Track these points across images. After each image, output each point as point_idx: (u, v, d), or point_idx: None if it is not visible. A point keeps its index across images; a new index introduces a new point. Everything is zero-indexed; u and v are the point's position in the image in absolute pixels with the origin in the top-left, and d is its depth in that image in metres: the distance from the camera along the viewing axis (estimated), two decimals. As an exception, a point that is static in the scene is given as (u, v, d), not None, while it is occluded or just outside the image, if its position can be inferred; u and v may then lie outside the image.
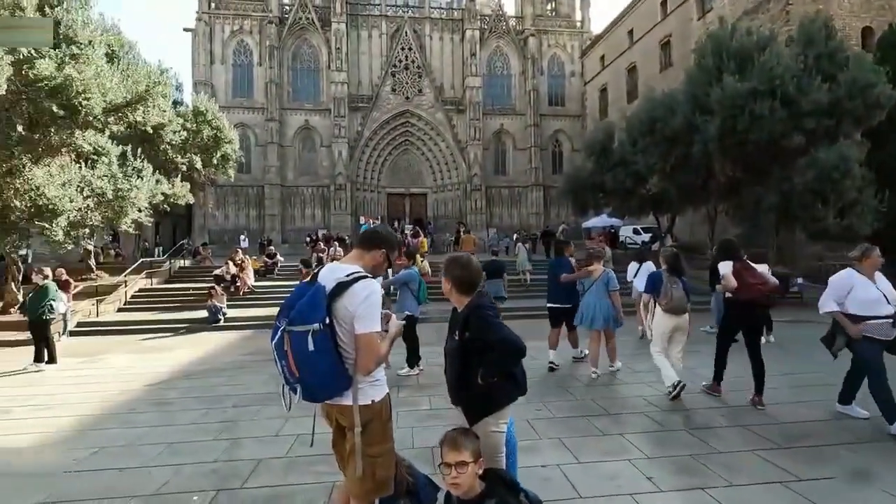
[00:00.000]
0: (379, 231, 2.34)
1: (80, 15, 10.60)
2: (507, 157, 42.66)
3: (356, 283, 2.00)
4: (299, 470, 3.70)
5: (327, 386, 1.98)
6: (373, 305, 2.00)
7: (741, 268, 5.02)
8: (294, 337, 1.91)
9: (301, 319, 1.91)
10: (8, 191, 9.87)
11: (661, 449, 3.90)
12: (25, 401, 5.90)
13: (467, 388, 2.28)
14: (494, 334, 2.23)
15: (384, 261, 2.24)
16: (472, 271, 2.46)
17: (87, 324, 11.58)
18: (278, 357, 2.00)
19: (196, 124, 16.48)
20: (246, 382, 6.50)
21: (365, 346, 1.99)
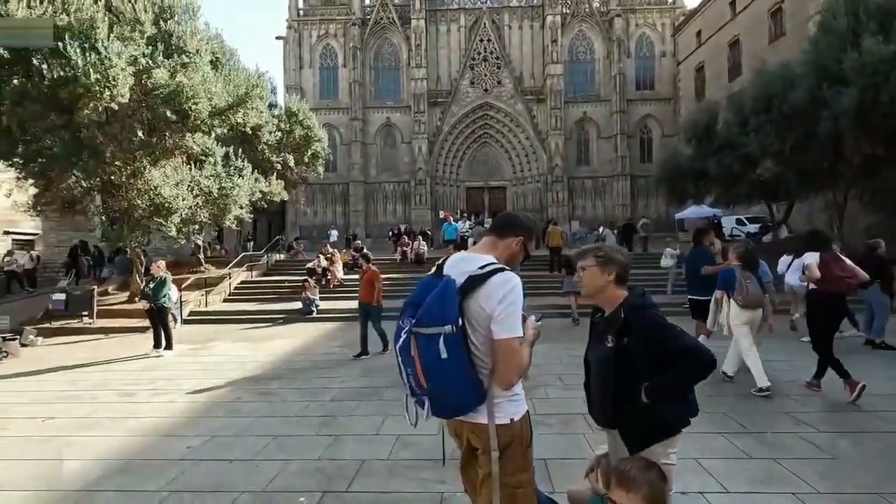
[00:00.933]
0: (515, 215, 1.96)
1: (188, 25, 11.36)
2: (590, 146, 40.75)
3: (493, 278, 1.65)
4: (403, 475, 3.48)
5: (460, 400, 1.65)
6: (514, 305, 1.64)
7: (830, 259, 4.93)
8: (422, 340, 1.61)
9: (431, 319, 1.59)
10: (131, 191, 10.85)
11: (834, 482, 3.18)
12: (147, 385, 6.34)
13: (627, 407, 1.83)
14: (675, 342, 1.77)
15: (521, 251, 1.87)
16: (628, 260, 2.02)
17: (197, 313, 12.52)
18: (403, 364, 1.70)
19: (289, 125, 17.31)
20: (342, 375, 6.51)
21: (505, 354, 1.63)
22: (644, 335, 1.77)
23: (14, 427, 4.80)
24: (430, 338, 1.58)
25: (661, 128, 39.92)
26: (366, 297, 7.98)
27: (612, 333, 1.86)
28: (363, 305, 8.05)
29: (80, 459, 3.92)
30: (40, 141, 9.77)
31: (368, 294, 7.93)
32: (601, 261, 1.97)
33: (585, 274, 2.00)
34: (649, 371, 1.78)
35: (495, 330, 1.62)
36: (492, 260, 1.73)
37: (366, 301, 7.98)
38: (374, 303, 7.88)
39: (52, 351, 9.25)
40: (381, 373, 6.58)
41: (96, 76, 9.03)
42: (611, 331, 1.87)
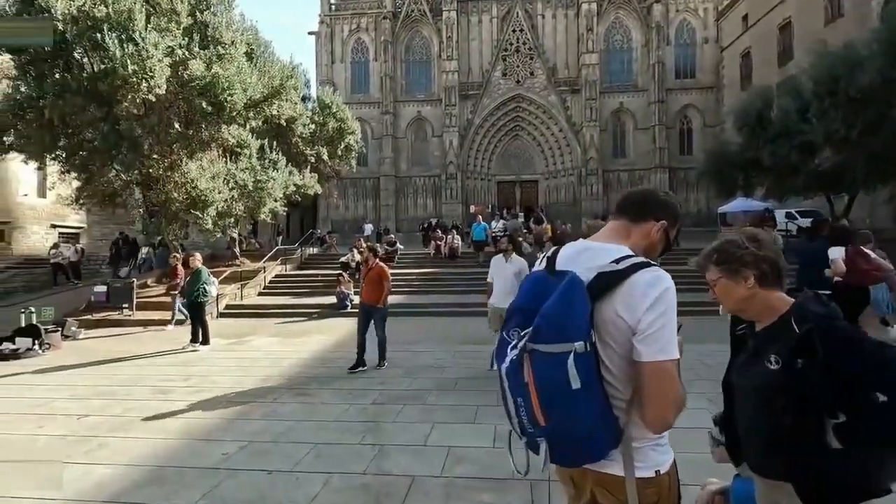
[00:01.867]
0: (654, 192, 1.47)
1: (224, 16, 11.24)
2: (626, 138, 39.37)
3: (636, 276, 1.19)
4: (461, 497, 3.08)
5: (590, 443, 1.20)
6: (668, 314, 1.17)
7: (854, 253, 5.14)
8: (541, 362, 1.15)
9: (554, 333, 1.14)
10: (169, 184, 10.83)
11: None
12: (182, 382, 6.16)
13: (805, 451, 1.33)
14: (884, 363, 1.26)
15: (661, 240, 1.39)
16: (772, 249, 1.51)
17: (233, 306, 12.49)
18: (510, 391, 1.24)
19: (322, 117, 17.16)
20: (380, 376, 6.18)
21: (657, 382, 1.17)
22: (834, 356, 1.27)
23: (51, 425, 4.65)
24: (554, 358, 1.13)
25: (702, 118, 38.20)
26: (371, 297, 6.71)
27: (777, 352, 1.36)
28: (366, 307, 6.79)
29: (112, 464, 3.69)
30: (81, 134, 9.81)
31: (375, 294, 6.70)
32: (727, 268, 1.46)
33: (717, 290, 1.50)
34: (835, 402, 1.29)
35: (642, 349, 1.16)
36: (628, 252, 1.26)
37: (370, 302, 6.73)
38: (380, 304, 6.75)
39: (93, 343, 9.29)
40: (423, 373, 6.22)
41: (134, 67, 8.97)
42: (775, 349, 1.37)
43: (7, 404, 5.35)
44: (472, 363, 6.78)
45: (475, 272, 15.12)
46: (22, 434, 4.41)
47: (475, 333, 8.96)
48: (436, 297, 13.06)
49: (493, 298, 6.22)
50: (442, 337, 8.76)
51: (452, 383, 5.72)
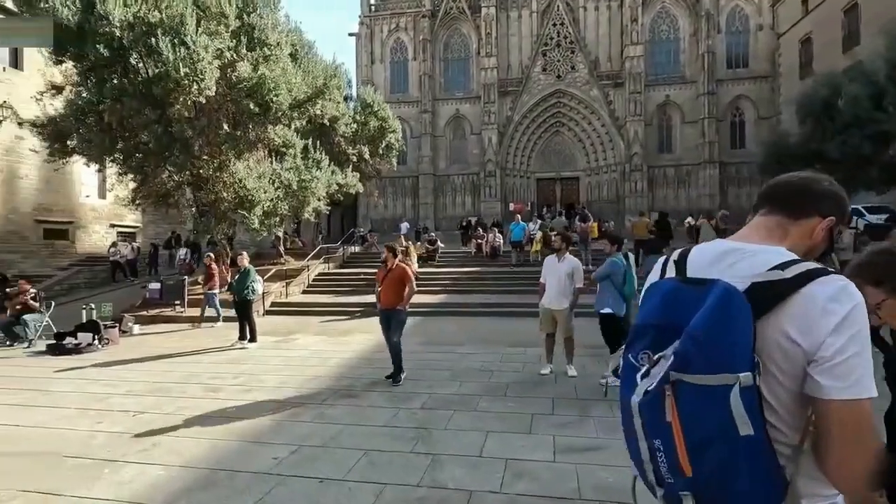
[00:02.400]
0: (817, 180, 1.13)
1: (270, 18, 11.38)
2: (672, 132, 37.78)
3: (812, 286, 0.91)
4: (525, 517, 2.86)
5: (751, 499, 0.92)
6: (861, 337, 0.89)
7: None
8: (691, 396, 0.89)
9: (710, 360, 0.88)
10: (218, 184, 11.08)
11: None
12: (232, 379, 6.20)
13: None
14: None
15: (825, 240, 1.09)
16: None
17: (278, 304, 12.69)
18: (648, 430, 0.97)
19: (364, 116, 17.24)
20: (428, 378, 6.02)
21: (848, 425, 0.89)
22: None
23: (108, 421, 4.73)
24: (710, 393, 0.87)
25: (755, 109, 36.19)
26: (392, 301, 5.91)
27: None
28: (386, 314, 5.99)
29: (166, 465, 3.67)
30: (137, 136, 10.15)
31: (396, 297, 5.91)
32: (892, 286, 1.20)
33: (882, 313, 1.20)
34: None
35: (826, 384, 0.88)
36: (791, 255, 0.99)
37: (389, 306, 5.94)
38: (400, 307, 5.97)
39: (147, 339, 9.61)
40: (471, 377, 6.01)
41: (185, 70, 9.19)
42: None
43: (69, 398, 5.52)
44: (520, 367, 6.52)
45: (519, 272, 14.80)
46: (82, 430, 4.49)
47: (521, 335, 8.69)
48: (478, 296, 12.84)
49: (545, 299, 5.94)
50: (487, 339, 8.53)
51: (503, 388, 5.48)
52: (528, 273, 14.48)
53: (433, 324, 10.42)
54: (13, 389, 6.01)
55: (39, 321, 9.54)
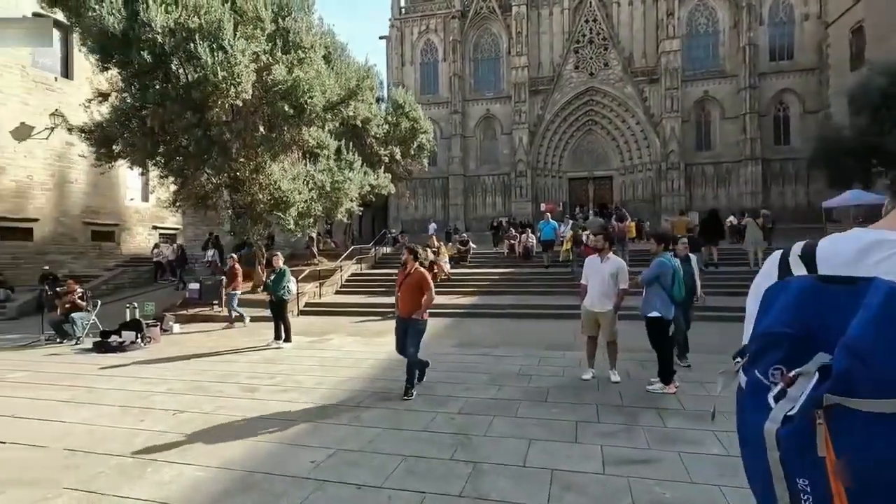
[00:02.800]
0: None
1: (304, 21, 11.49)
2: (711, 128, 36.44)
3: None
4: (577, 535, 2.66)
5: None
6: None
7: None
8: (854, 426, 0.68)
9: (884, 380, 0.66)
10: (254, 185, 11.25)
11: None
12: (268, 379, 6.21)
13: None
14: None
15: None
16: None
17: (312, 304, 12.79)
18: (791, 466, 0.73)
19: (395, 117, 17.27)
20: (465, 381, 5.86)
21: None
22: None
23: (150, 419, 4.78)
24: (882, 422, 0.68)
25: (801, 103, 34.50)
26: (409, 308, 5.38)
27: None
28: (403, 322, 5.47)
29: (205, 466, 3.64)
30: (177, 140, 10.40)
31: (413, 304, 5.35)
32: None
33: None
34: None
35: None
36: None
37: (407, 315, 5.40)
38: (418, 316, 5.35)
39: (187, 338, 9.82)
40: (509, 381, 5.82)
41: (223, 74, 9.35)
42: None
43: (113, 396, 5.63)
44: (560, 371, 6.28)
45: (552, 273, 14.48)
46: (124, 428, 4.55)
47: (558, 338, 8.44)
48: (512, 297, 12.60)
49: (588, 301, 5.69)
50: (523, 341, 8.30)
51: (543, 394, 5.27)
52: (562, 274, 14.16)
53: (467, 325, 10.26)
54: (61, 386, 6.19)
55: (87, 319, 9.88)
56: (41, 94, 18.47)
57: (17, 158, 17.90)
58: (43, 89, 18.58)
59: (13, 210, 17.83)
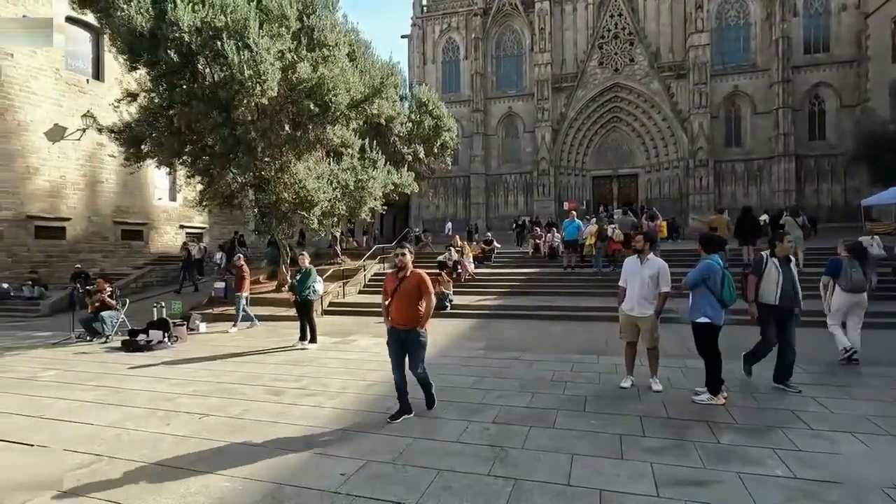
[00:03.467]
0: None
1: (328, 19, 11.38)
2: (742, 124, 35.32)
3: None
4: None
5: None
6: None
7: None
8: None
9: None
10: (279, 185, 11.20)
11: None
12: (294, 382, 6.08)
13: None
14: None
15: None
16: None
17: (335, 304, 12.71)
18: None
19: (419, 115, 17.10)
20: (496, 387, 5.61)
21: None
22: None
23: (175, 423, 4.68)
24: None
25: (837, 97, 33.18)
26: (406, 318, 4.54)
27: None
28: (400, 335, 4.60)
29: (232, 476, 3.49)
30: (204, 139, 10.41)
31: (412, 312, 4.53)
32: None
33: None
34: None
35: None
36: None
37: (405, 325, 4.56)
38: (419, 327, 4.58)
39: (213, 337, 9.81)
40: (542, 388, 5.55)
41: (249, 72, 9.30)
42: None
43: (140, 398, 5.57)
44: (595, 377, 5.98)
45: (581, 274, 14.08)
46: (150, 432, 4.45)
47: (589, 342, 8.13)
48: (538, 299, 12.28)
49: (627, 305, 5.37)
50: (553, 345, 8.01)
51: (580, 402, 4.99)
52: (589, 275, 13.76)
53: (493, 327, 10.00)
54: (89, 385, 6.18)
55: (115, 318, 9.98)
56: (74, 95, 18.90)
57: (51, 159, 18.36)
58: (75, 91, 19.01)
59: (47, 209, 18.29)
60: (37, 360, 8.01)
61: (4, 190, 17.16)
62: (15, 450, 4.12)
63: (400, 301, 4.58)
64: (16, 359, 8.23)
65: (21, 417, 4.97)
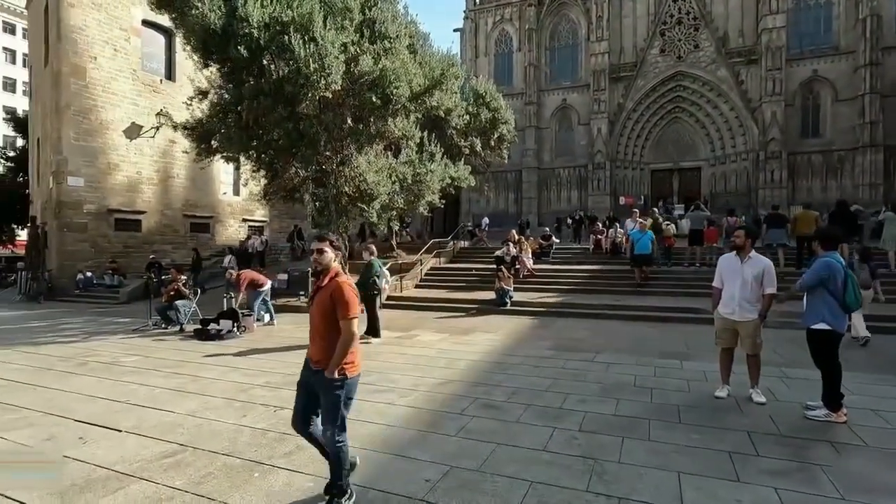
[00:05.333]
0: None
1: (390, 11, 11.29)
2: (821, 112, 32.52)
3: None
4: None
5: None
6: None
7: None
8: None
9: None
10: (340, 178, 11.26)
11: None
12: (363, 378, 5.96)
13: None
14: None
15: None
16: None
17: (393, 298, 12.68)
18: None
19: (476, 107, 16.79)
20: (575, 391, 5.26)
21: None
22: None
23: (252, 415, 4.68)
24: None
25: (936, 80, 29.90)
26: (319, 351, 2.99)
27: None
28: (310, 378, 3.08)
29: (314, 475, 3.38)
30: (269, 134, 10.59)
31: (325, 344, 2.97)
32: None
33: None
34: None
35: None
36: None
37: (315, 363, 3.01)
38: (331, 373, 2.88)
39: (278, 329, 9.99)
40: (626, 394, 5.15)
41: (314, 66, 9.33)
42: None
43: (216, 387, 5.65)
44: (682, 384, 5.50)
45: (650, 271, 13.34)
46: (229, 423, 4.46)
47: (668, 345, 7.59)
48: (603, 297, 11.71)
49: (725, 308, 4.86)
50: (628, 347, 7.52)
51: (672, 412, 4.56)
52: (659, 272, 13.02)
53: (557, 325, 9.60)
54: (168, 373, 6.37)
55: (188, 307, 10.37)
56: (149, 95, 19.98)
57: (129, 156, 19.52)
58: (150, 91, 20.09)
59: (125, 203, 19.48)
60: (118, 346, 8.42)
61: (89, 185, 18.42)
62: (107, 435, 4.22)
63: (312, 321, 3.03)
64: (100, 343, 8.70)
65: (109, 402, 5.14)
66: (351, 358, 3.00)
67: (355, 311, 2.94)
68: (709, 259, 12.86)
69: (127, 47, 19.33)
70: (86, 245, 18.50)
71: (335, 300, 2.91)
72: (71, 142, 17.90)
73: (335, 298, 2.91)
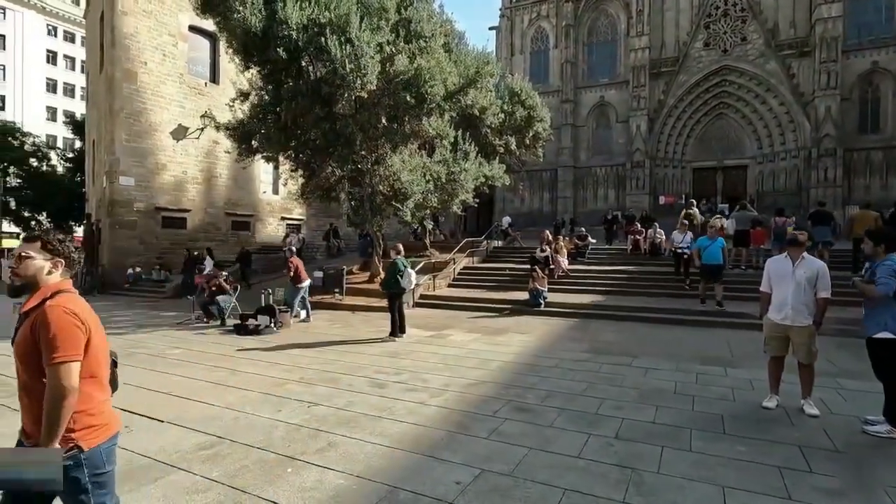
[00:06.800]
0: None
1: (425, 10, 11.30)
2: (881, 106, 30.49)
3: None
4: None
5: None
6: None
7: None
8: None
9: None
10: (374, 177, 11.36)
11: None
12: (395, 376, 6.00)
13: None
14: None
15: None
16: None
17: (426, 297, 12.72)
18: None
19: (511, 105, 16.61)
20: (611, 396, 5.10)
21: None
22: None
23: (286, 410, 4.76)
24: None
25: None
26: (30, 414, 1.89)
27: None
28: None
29: (346, 473, 3.39)
30: (307, 134, 10.80)
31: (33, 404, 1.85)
32: None
33: None
34: None
35: None
36: None
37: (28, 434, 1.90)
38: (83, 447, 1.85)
39: (313, 325, 10.19)
40: (666, 400, 4.94)
41: (351, 66, 9.44)
42: None
43: (253, 382, 5.78)
44: (726, 392, 5.24)
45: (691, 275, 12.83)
46: (264, 417, 4.54)
47: (710, 351, 7.27)
48: (640, 299, 11.36)
49: (777, 314, 4.59)
50: (667, 352, 7.25)
51: (716, 422, 4.34)
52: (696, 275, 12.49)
53: (593, 328, 9.36)
54: (209, 366, 6.58)
55: (229, 302, 10.71)
56: (194, 98, 20.79)
57: (175, 156, 20.36)
58: (195, 94, 20.89)
59: (172, 202, 20.34)
60: (164, 339, 8.78)
61: (139, 184, 19.34)
62: (151, 425, 4.39)
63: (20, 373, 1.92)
64: (147, 336, 9.10)
65: (153, 394, 5.35)
66: (88, 421, 1.90)
67: (70, 351, 1.82)
68: (755, 261, 12.26)
69: (174, 52, 20.17)
70: (135, 242, 19.43)
71: (38, 337, 1.83)
72: (123, 143, 18.83)
73: (38, 334, 1.83)
